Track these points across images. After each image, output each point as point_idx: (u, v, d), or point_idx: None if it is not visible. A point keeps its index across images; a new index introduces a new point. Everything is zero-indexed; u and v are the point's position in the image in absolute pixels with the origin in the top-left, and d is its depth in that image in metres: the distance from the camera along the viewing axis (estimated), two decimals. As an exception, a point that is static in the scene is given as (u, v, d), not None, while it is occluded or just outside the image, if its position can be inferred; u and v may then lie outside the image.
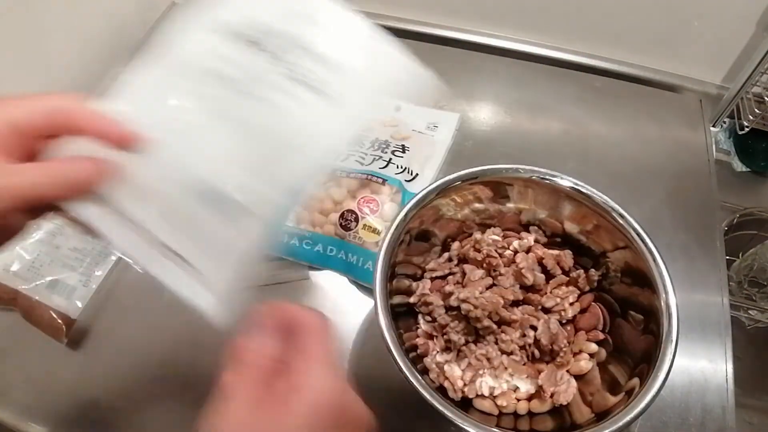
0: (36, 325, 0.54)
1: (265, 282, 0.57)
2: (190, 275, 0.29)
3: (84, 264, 0.57)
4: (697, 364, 0.53)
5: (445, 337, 0.48)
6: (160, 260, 0.29)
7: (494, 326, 0.47)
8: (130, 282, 0.58)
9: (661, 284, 0.44)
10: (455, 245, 0.53)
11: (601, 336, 0.48)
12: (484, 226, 0.54)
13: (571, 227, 0.51)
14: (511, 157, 0.68)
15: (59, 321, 0.54)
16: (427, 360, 0.48)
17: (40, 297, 0.54)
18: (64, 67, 0.74)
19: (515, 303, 0.49)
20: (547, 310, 0.49)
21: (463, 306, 0.46)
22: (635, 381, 0.41)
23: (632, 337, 0.46)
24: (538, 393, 0.46)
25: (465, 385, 0.46)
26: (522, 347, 0.48)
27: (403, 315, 0.49)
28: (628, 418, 0.38)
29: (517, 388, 0.47)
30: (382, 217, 0.57)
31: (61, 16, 0.71)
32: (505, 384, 0.47)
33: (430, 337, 0.49)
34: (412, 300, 0.50)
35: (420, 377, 0.40)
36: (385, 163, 0.61)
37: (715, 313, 0.56)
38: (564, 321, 0.49)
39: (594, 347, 0.48)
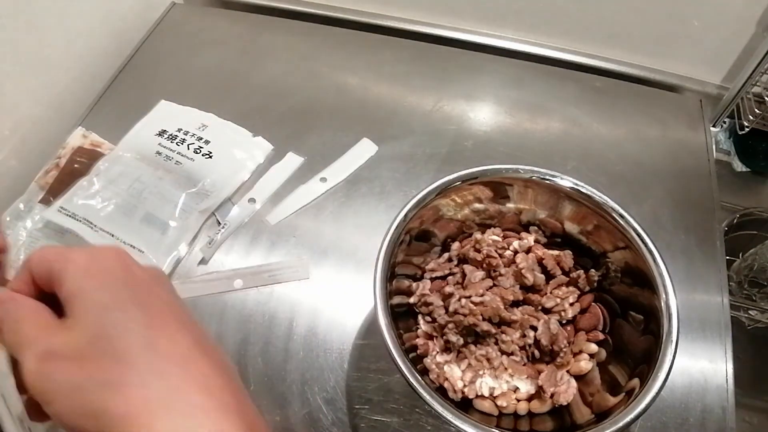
0: None
1: (265, 282, 0.57)
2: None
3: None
4: (697, 364, 0.53)
5: (444, 337, 0.48)
6: None
7: (493, 329, 0.47)
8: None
9: (661, 284, 0.44)
10: (455, 245, 0.53)
11: (601, 336, 0.48)
12: (484, 227, 0.54)
13: (571, 227, 0.51)
14: (511, 157, 0.68)
15: None
16: (427, 360, 0.48)
17: None
18: (64, 67, 0.74)
19: (515, 303, 0.49)
20: (547, 311, 0.49)
21: (456, 316, 0.46)
22: (635, 381, 0.41)
23: (632, 337, 0.46)
24: (538, 393, 0.46)
25: (465, 385, 0.46)
26: (522, 348, 0.48)
27: (403, 315, 0.49)
28: (628, 419, 0.38)
29: (517, 388, 0.47)
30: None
31: (62, 17, 0.71)
32: (505, 384, 0.47)
33: (430, 337, 0.49)
34: (412, 300, 0.50)
35: (420, 378, 0.40)
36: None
37: (715, 313, 0.56)
38: (564, 321, 0.49)
39: (594, 347, 0.47)
